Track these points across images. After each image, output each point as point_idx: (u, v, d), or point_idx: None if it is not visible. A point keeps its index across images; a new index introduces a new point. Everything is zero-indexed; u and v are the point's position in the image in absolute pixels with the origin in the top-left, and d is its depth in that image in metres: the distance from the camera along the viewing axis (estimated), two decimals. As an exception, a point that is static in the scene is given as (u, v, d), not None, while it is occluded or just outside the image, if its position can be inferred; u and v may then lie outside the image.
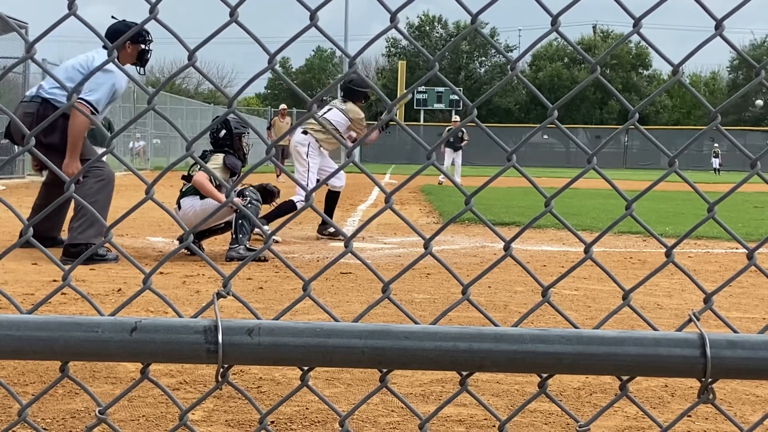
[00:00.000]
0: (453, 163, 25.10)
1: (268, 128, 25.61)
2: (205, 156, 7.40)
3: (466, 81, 72.23)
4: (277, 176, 24.25)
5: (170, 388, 3.32)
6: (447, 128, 27.16)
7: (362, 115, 9.33)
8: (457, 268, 6.85)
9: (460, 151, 25.35)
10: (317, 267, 6.88)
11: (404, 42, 74.43)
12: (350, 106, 9.26)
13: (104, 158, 7.43)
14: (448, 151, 25.19)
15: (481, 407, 3.13)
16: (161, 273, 6.15)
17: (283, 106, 26.06)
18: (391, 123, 9.52)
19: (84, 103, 6.70)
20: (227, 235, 7.70)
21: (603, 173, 1.42)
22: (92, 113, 6.76)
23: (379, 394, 3.22)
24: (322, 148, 9.26)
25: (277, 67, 1.37)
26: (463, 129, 26.48)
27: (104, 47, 7.14)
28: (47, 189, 7.59)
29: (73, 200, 5.81)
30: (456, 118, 29.03)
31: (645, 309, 5.17)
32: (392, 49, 75.49)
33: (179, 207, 7.24)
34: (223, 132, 7.43)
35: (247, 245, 7.24)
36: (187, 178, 7.31)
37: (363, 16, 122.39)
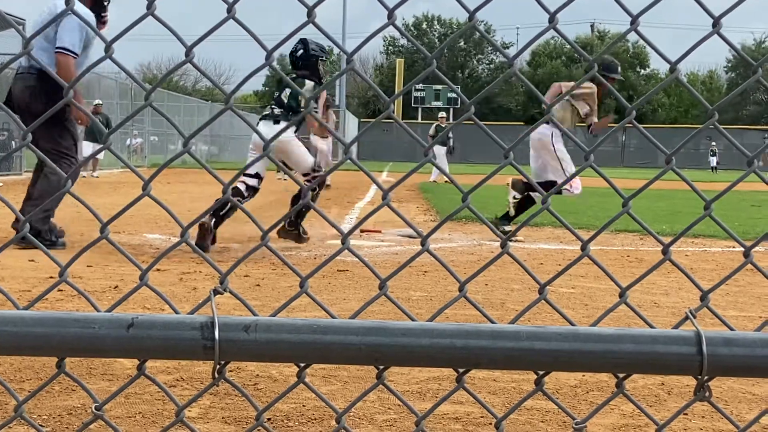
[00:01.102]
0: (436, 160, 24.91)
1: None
2: (295, 81, 7.58)
3: (466, 79, 72.25)
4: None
5: (166, 385, 3.32)
6: (434, 125, 26.85)
7: (591, 87, 8.98)
8: (454, 266, 6.85)
9: (444, 149, 25.20)
10: (314, 264, 6.88)
11: (402, 40, 74.50)
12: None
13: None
14: (438, 149, 25.01)
15: (477, 405, 3.13)
16: (158, 270, 6.15)
17: None
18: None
19: (63, 52, 6.93)
20: (233, 229, 7.70)
21: (600, 171, 1.42)
22: (74, 58, 7.04)
23: (376, 392, 3.22)
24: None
25: (274, 64, 1.37)
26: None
27: None
28: (37, 176, 7.72)
29: (39, 185, 5.99)
30: (442, 114, 28.65)
31: (642, 307, 5.18)
32: (390, 47, 75.50)
33: (274, 122, 7.58)
34: (301, 51, 7.68)
35: (302, 231, 7.74)
36: (279, 102, 7.63)
37: (361, 14, 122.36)
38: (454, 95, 58.77)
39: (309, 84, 7.54)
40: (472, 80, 72.76)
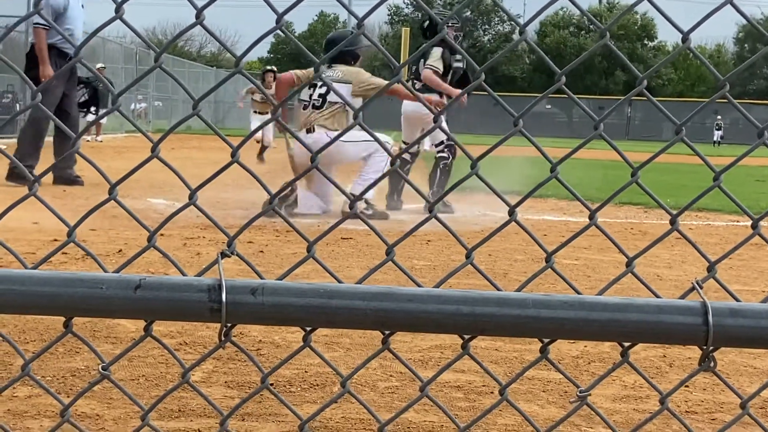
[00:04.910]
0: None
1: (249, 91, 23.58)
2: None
3: (470, 49, 71.93)
4: (261, 149, 22.73)
5: (170, 349, 3.33)
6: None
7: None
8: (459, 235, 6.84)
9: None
10: (318, 232, 6.88)
11: (407, 10, 74.17)
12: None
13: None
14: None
15: (479, 373, 3.15)
16: (162, 235, 6.15)
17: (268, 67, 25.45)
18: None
19: (34, 26, 9.45)
20: (236, 195, 7.69)
21: (609, 139, 1.41)
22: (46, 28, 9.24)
23: (379, 359, 3.23)
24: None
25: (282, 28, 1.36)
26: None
27: None
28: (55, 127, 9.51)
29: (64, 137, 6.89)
30: None
31: (645, 279, 5.18)
32: (394, 17, 75.15)
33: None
34: (427, 23, 8.43)
35: None
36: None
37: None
38: (460, 65, 58.37)
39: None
40: (475, 50, 72.43)
